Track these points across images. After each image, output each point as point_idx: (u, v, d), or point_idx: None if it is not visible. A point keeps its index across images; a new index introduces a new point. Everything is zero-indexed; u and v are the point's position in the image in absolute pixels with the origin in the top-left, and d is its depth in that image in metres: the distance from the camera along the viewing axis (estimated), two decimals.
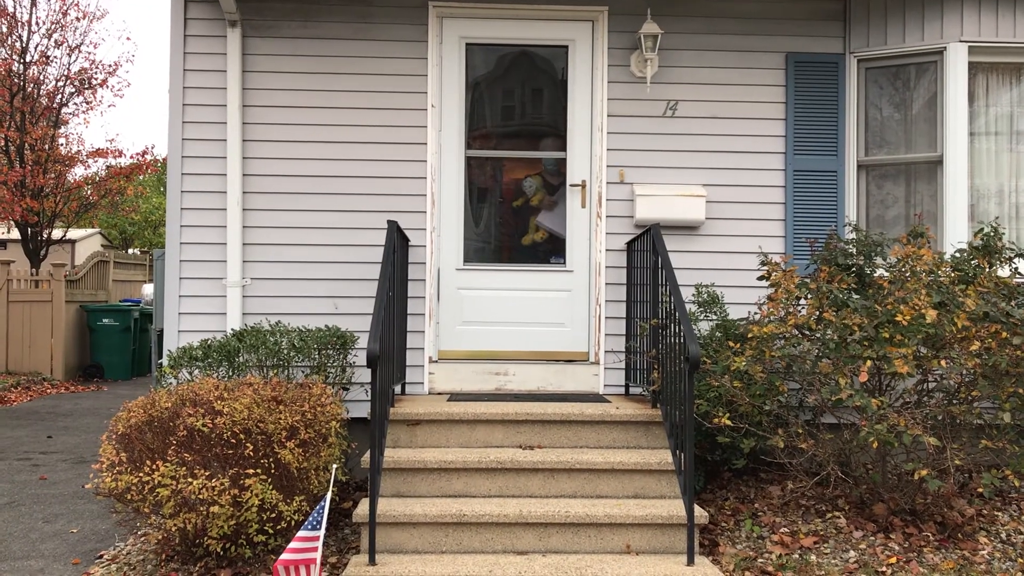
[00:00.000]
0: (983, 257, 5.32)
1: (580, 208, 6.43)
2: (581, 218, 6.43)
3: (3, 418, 9.87)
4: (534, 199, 6.49)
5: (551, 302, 6.40)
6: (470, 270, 6.40)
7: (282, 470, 4.45)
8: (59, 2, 16.53)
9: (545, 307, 6.40)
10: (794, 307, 5.25)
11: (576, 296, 6.41)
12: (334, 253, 6.27)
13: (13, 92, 15.74)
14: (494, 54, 6.54)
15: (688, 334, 4.50)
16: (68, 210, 17.09)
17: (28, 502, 6.06)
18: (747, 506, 5.35)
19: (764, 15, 6.47)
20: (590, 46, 6.46)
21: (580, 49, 6.46)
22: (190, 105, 6.25)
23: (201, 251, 6.22)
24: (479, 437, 5.30)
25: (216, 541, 4.36)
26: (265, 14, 6.29)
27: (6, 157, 15.92)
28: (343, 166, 6.30)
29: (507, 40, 6.48)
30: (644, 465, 4.95)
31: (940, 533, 4.86)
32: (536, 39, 6.47)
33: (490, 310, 6.38)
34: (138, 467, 4.38)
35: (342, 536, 5.03)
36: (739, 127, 6.44)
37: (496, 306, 6.38)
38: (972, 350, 4.74)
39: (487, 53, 6.53)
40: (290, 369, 5.43)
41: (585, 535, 4.60)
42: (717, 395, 5.16)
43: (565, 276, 6.42)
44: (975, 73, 6.36)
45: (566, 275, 6.42)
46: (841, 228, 6.34)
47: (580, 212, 6.43)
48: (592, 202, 6.41)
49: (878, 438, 4.52)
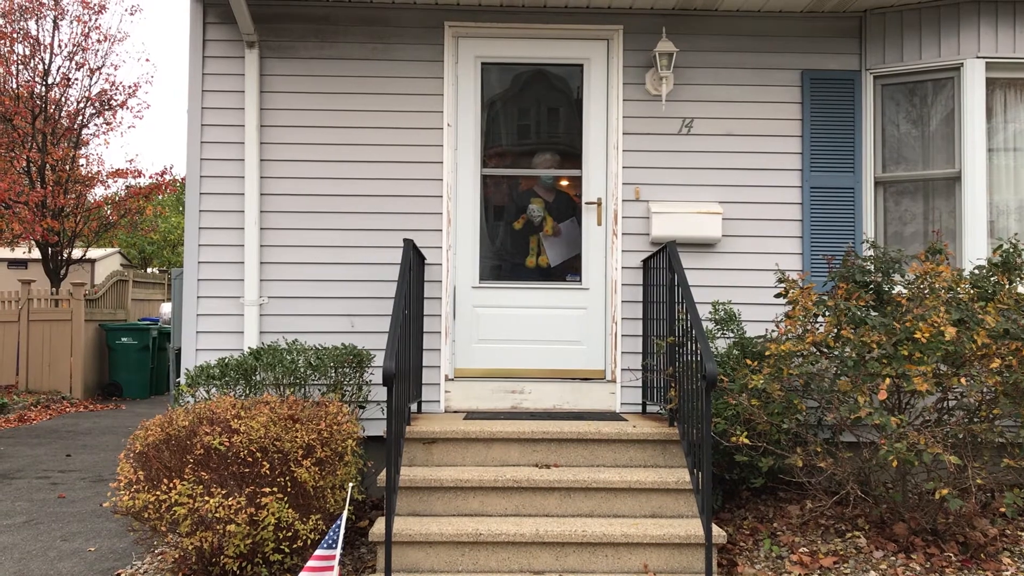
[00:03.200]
0: (1002, 274, 5.28)
1: (596, 226, 6.43)
2: (597, 236, 6.43)
3: (23, 437, 9.93)
4: (546, 226, 6.49)
5: (567, 320, 6.39)
6: (486, 288, 6.40)
7: (298, 488, 4.45)
8: (81, 25, 16.76)
9: (561, 325, 6.39)
10: (812, 324, 5.22)
11: (592, 314, 6.40)
12: (351, 271, 6.29)
13: (35, 114, 15.93)
14: (509, 73, 6.58)
15: (705, 352, 4.48)
16: (88, 230, 17.23)
17: (47, 520, 6.09)
18: (766, 525, 5.30)
19: (779, 32, 6.48)
20: (605, 65, 6.48)
21: (595, 68, 6.48)
22: (208, 125, 6.31)
23: (219, 270, 6.26)
24: (495, 456, 5.29)
25: (232, 560, 4.35)
26: (282, 35, 6.36)
27: (28, 178, 16.10)
28: (360, 185, 6.33)
29: (522, 59, 6.52)
30: (661, 484, 4.92)
31: (962, 553, 4.80)
32: (551, 58, 6.50)
33: (506, 328, 6.38)
34: (155, 485, 4.39)
35: (358, 555, 5.02)
36: (755, 144, 6.44)
37: (512, 324, 6.38)
38: (992, 367, 4.69)
39: (503, 72, 6.56)
40: (307, 387, 5.44)
41: (602, 555, 4.57)
42: (735, 413, 5.12)
43: (581, 294, 6.42)
44: (993, 89, 6.33)
45: (582, 293, 6.42)
46: (859, 245, 6.30)
47: (596, 230, 6.43)
48: (608, 220, 6.41)
49: (898, 456, 4.47)
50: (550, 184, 6.55)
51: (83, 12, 16.65)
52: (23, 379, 13.44)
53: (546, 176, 6.54)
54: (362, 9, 6.38)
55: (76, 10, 16.63)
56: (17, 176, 15.91)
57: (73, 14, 16.63)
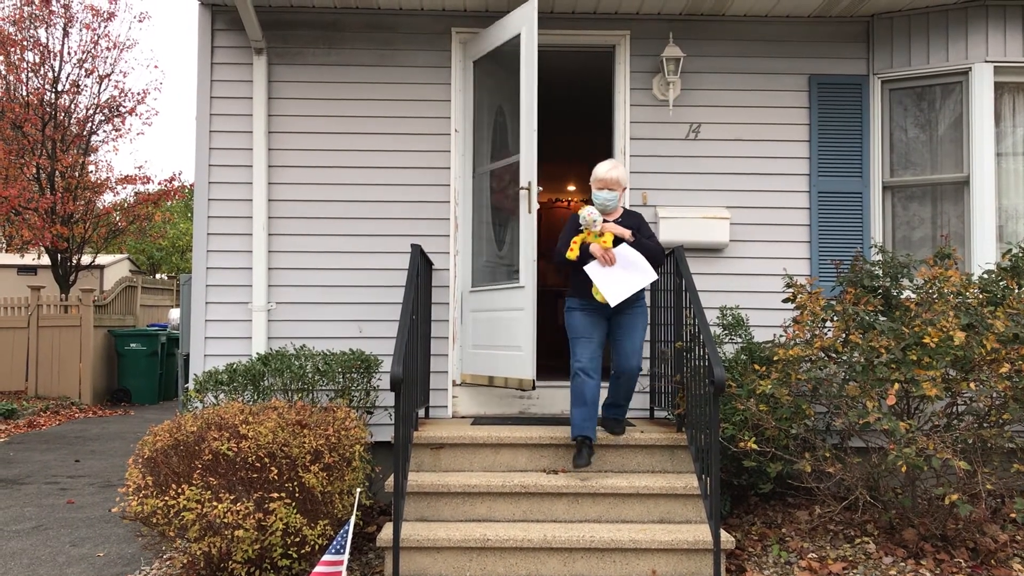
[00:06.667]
0: (1012, 278, 5.26)
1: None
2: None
3: (32, 442, 9.97)
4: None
5: None
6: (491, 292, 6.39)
7: (306, 494, 4.46)
8: (90, 33, 16.85)
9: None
10: (820, 329, 5.21)
11: None
12: (358, 277, 6.30)
13: (45, 121, 16.02)
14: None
15: (713, 357, 4.47)
16: (97, 236, 17.31)
17: (55, 526, 6.11)
18: (774, 531, 5.28)
19: (787, 38, 6.48)
20: (612, 70, 6.47)
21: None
22: (217, 132, 6.33)
23: (227, 275, 6.28)
24: (503, 461, 5.28)
25: (240, 565, 4.36)
26: (290, 42, 6.38)
27: (37, 184, 16.18)
28: (367, 191, 6.35)
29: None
30: (670, 489, 4.91)
31: (972, 559, 4.77)
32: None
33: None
34: (164, 491, 4.40)
35: (366, 560, 5.02)
36: (763, 149, 6.43)
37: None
38: (1002, 372, 4.67)
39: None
40: (315, 393, 5.45)
41: (610, 560, 4.56)
42: (743, 419, 5.11)
43: None
44: (1001, 93, 6.32)
45: None
46: (867, 249, 6.29)
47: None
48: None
49: (907, 462, 4.45)
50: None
51: (92, 19, 16.75)
52: (32, 385, 13.48)
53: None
54: (370, 16, 6.40)
55: (85, 17, 16.73)
56: (27, 183, 15.99)
57: (82, 21, 16.72)
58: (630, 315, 5.22)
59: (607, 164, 5.20)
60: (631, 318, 5.21)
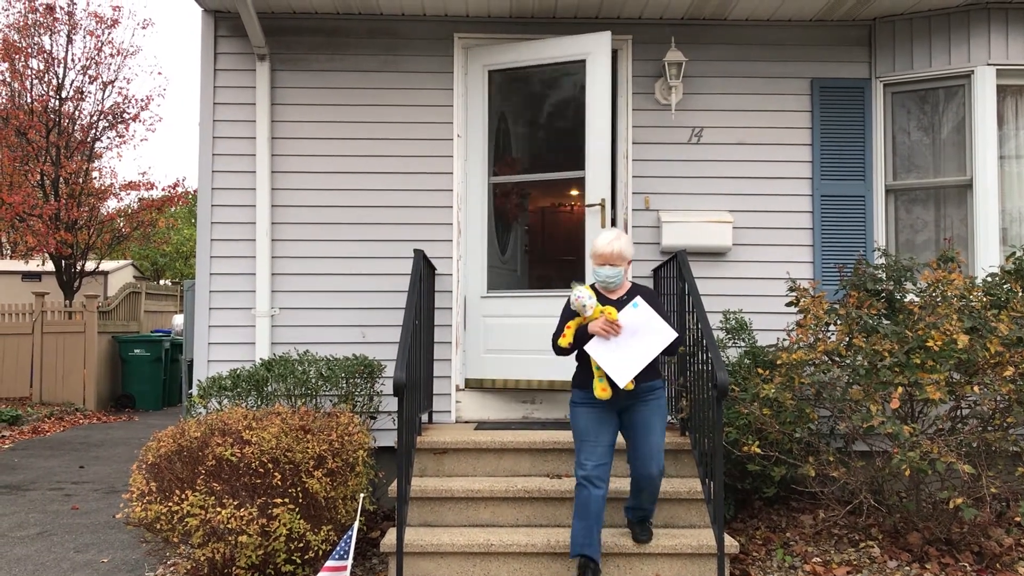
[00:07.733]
0: (1015, 281, 5.25)
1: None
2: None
3: (37, 448, 9.98)
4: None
5: None
6: (495, 297, 6.40)
7: (310, 499, 4.46)
8: (94, 39, 16.88)
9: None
10: (823, 333, 5.20)
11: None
12: (362, 282, 6.31)
13: (49, 127, 16.05)
14: (520, 83, 6.59)
15: (716, 361, 4.47)
16: (101, 242, 17.32)
17: (60, 532, 6.11)
18: (778, 535, 5.27)
19: (789, 41, 6.48)
20: (614, 75, 6.47)
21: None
22: (220, 138, 6.35)
23: (230, 281, 6.29)
24: (506, 466, 5.28)
25: (244, 571, 4.36)
26: (293, 48, 6.40)
27: (42, 191, 16.21)
28: (370, 196, 6.36)
29: (532, 68, 6.52)
30: (673, 494, 4.90)
31: (977, 563, 4.76)
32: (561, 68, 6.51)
33: (516, 338, 6.36)
34: (167, 497, 4.41)
35: (370, 566, 5.02)
36: (765, 153, 6.43)
37: (522, 334, 6.36)
38: (1006, 376, 4.66)
39: (513, 82, 6.57)
40: (318, 398, 5.45)
41: (614, 564, 4.56)
42: (746, 423, 5.11)
43: None
44: (1004, 96, 6.31)
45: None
46: (870, 253, 6.28)
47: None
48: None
49: (911, 466, 4.44)
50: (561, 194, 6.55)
51: (96, 26, 16.78)
52: (37, 391, 13.50)
53: (555, 180, 6.53)
54: (372, 21, 6.42)
55: (89, 24, 16.77)
56: (31, 189, 16.02)
57: (86, 28, 16.76)
58: (645, 407, 4.39)
59: (607, 236, 4.40)
60: (647, 411, 4.39)
